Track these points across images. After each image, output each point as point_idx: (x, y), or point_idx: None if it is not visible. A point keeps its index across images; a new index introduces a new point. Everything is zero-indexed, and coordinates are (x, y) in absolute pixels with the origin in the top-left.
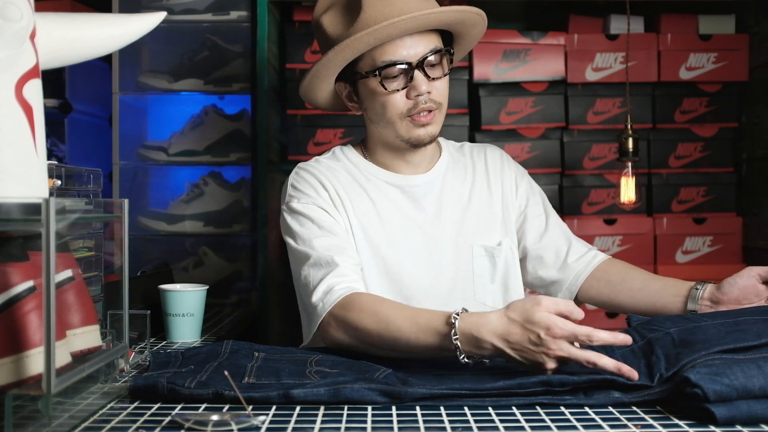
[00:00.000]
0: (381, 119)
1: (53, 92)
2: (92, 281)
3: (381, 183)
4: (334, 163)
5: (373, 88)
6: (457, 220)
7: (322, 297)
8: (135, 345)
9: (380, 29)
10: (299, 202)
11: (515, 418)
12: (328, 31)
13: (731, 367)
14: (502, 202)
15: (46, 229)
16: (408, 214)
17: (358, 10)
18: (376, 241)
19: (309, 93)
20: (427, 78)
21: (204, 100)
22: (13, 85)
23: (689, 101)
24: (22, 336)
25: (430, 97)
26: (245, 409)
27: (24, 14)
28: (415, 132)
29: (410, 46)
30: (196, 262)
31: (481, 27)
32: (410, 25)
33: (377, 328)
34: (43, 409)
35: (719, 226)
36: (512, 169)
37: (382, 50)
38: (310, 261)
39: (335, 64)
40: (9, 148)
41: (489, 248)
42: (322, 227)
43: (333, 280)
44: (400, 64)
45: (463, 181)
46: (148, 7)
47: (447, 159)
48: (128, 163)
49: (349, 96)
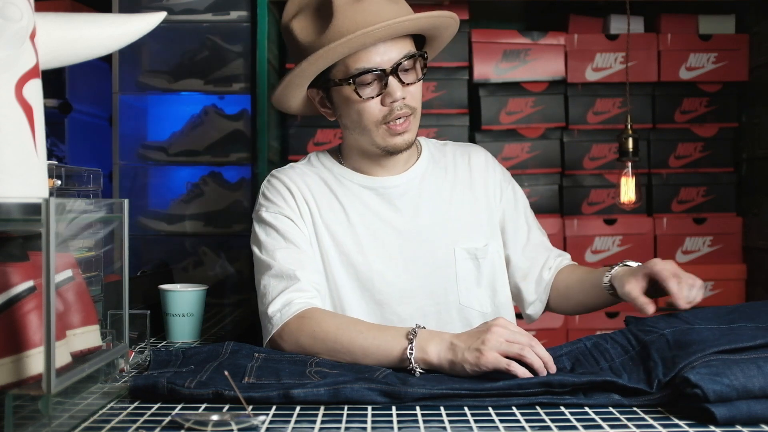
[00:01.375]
0: (357, 126)
1: (53, 92)
2: (92, 281)
3: (355, 186)
4: (308, 169)
5: (348, 96)
6: (437, 222)
7: (280, 309)
8: (135, 345)
9: (354, 39)
10: (267, 212)
11: (515, 418)
12: (299, 38)
13: (731, 368)
14: (486, 205)
15: (46, 229)
16: (383, 216)
17: (329, 17)
18: (346, 248)
19: (282, 101)
20: (401, 84)
21: (204, 100)
22: (13, 85)
23: (689, 101)
24: (22, 336)
25: (405, 103)
26: (245, 409)
27: (24, 14)
28: (391, 140)
29: (383, 53)
30: (196, 262)
31: (453, 28)
32: (384, 34)
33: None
34: (43, 409)
35: (719, 226)
36: (497, 172)
37: (355, 57)
38: (271, 271)
39: (308, 74)
40: (9, 148)
41: (473, 251)
42: (287, 238)
43: (292, 294)
44: (374, 71)
45: (444, 182)
46: (148, 7)
47: (426, 159)
48: (128, 163)
49: (322, 102)
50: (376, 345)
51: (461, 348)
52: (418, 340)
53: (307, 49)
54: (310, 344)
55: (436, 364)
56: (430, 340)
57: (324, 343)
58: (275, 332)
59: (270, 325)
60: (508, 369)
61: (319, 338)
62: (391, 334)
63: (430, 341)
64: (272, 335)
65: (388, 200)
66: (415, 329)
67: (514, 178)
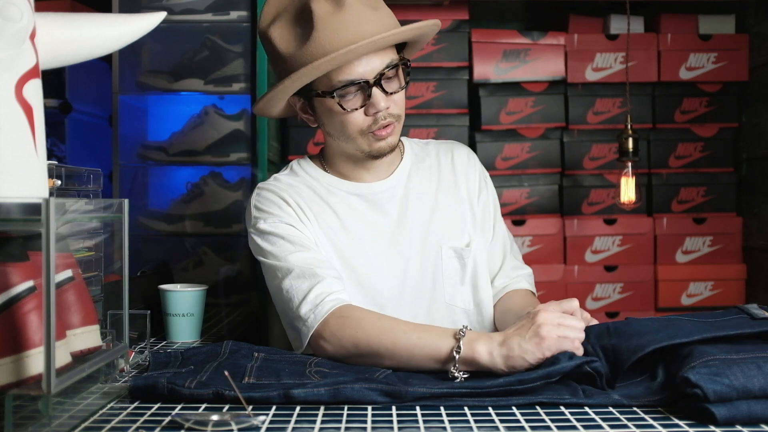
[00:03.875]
0: (341, 135)
1: (53, 92)
2: (92, 281)
3: (343, 194)
4: (293, 180)
5: (330, 107)
6: (424, 222)
7: (313, 308)
8: (135, 345)
9: (338, 57)
10: (266, 223)
11: (515, 418)
12: (278, 48)
13: (731, 368)
14: (469, 202)
15: (46, 229)
16: (373, 221)
17: (309, 28)
18: (345, 253)
19: (264, 112)
20: (384, 94)
21: (204, 100)
22: (13, 85)
23: (689, 101)
24: (22, 336)
25: (388, 112)
26: (245, 409)
27: (24, 14)
28: (376, 145)
29: (366, 63)
30: (196, 262)
31: (434, 32)
32: (369, 50)
33: (378, 333)
34: (43, 409)
35: (719, 226)
36: (477, 170)
37: (338, 70)
38: (292, 274)
39: (291, 89)
40: (9, 148)
41: (458, 249)
42: (294, 243)
43: (321, 290)
44: (357, 82)
45: (429, 183)
46: (148, 7)
47: (410, 160)
48: (128, 163)
49: (304, 108)
50: (421, 345)
51: (515, 341)
52: (466, 340)
53: (288, 60)
54: (354, 348)
55: (488, 363)
56: (478, 339)
57: (368, 347)
58: (315, 332)
59: (305, 327)
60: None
61: (363, 341)
62: (437, 334)
63: (478, 340)
64: (312, 336)
65: (377, 205)
66: (463, 329)
67: (514, 178)
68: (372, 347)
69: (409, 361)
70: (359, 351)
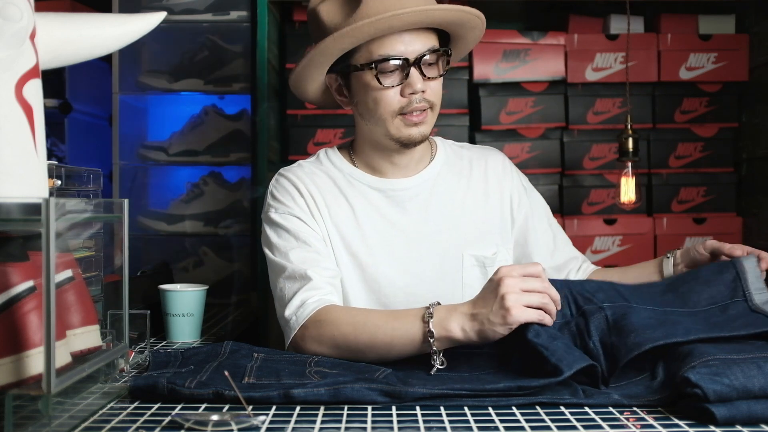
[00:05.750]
0: (372, 116)
1: (53, 92)
2: (92, 281)
3: (363, 187)
4: (316, 168)
5: (367, 82)
6: (448, 227)
7: (295, 311)
8: (135, 345)
9: (382, 20)
10: (277, 213)
11: (515, 418)
12: (324, 21)
13: (731, 368)
14: (500, 212)
15: (46, 229)
16: (390, 218)
17: (358, 2)
18: (354, 248)
19: (299, 83)
20: (422, 76)
21: (204, 100)
22: (13, 85)
23: (689, 101)
24: (22, 336)
25: (424, 96)
26: (245, 409)
27: (24, 14)
28: (406, 131)
29: (408, 42)
30: (196, 262)
31: (479, 30)
32: (413, 19)
33: (353, 330)
34: (43, 409)
35: (719, 226)
36: (515, 177)
37: (379, 43)
38: (285, 273)
39: (331, 52)
40: (9, 148)
41: (481, 258)
42: (298, 238)
43: (306, 294)
44: (396, 59)
45: (457, 187)
46: (148, 7)
47: (441, 162)
48: (128, 163)
49: (339, 89)
50: (398, 336)
51: (483, 314)
52: (436, 320)
53: (332, 30)
54: (335, 349)
55: (463, 338)
56: (448, 317)
57: (348, 346)
58: (295, 335)
59: (288, 328)
60: (540, 321)
61: (341, 342)
62: (409, 320)
63: (449, 318)
64: (293, 338)
65: (397, 202)
66: (430, 309)
67: None
68: (351, 346)
69: (389, 352)
70: (340, 351)
